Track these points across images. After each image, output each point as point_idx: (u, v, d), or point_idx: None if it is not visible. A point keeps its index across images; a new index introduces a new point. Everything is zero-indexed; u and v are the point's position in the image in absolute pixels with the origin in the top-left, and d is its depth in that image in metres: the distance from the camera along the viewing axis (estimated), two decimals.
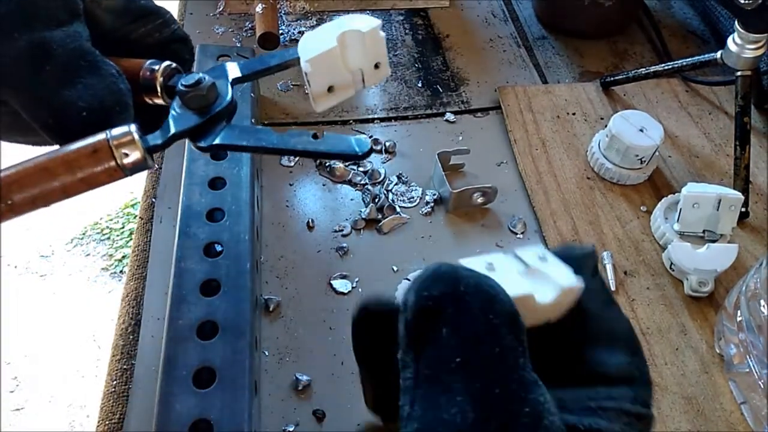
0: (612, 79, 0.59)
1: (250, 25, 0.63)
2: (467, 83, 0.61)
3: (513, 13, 0.69)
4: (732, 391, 0.41)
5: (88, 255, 1.53)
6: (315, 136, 0.27)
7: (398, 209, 0.50)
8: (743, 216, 0.50)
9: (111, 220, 1.60)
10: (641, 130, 0.51)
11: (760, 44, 0.49)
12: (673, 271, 0.47)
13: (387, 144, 0.54)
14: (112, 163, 0.25)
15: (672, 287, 0.46)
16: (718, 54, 0.52)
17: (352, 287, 0.45)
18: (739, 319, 0.40)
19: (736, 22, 0.49)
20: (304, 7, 0.66)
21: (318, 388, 0.40)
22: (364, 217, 0.49)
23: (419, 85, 0.61)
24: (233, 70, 0.30)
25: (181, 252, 0.39)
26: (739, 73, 0.51)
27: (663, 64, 0.57)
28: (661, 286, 0.46)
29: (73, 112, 0.26)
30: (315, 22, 0.65)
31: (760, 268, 0.40)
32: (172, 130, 0.27)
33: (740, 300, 0.40)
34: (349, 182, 0.52)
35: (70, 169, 0.24)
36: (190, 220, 0.41)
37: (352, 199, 0.51)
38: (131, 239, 0.49)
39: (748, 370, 0.39)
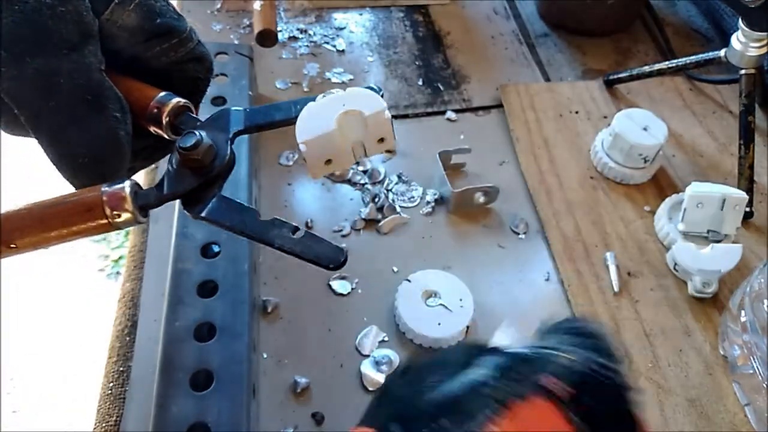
0: (615, 77, 0.59)
1: (248, 22, 0.63)
2: (468, 81, 0.61)
3: (515, 10, 0.69)
4: (736, 393, 0.41)
5: (84, 256, 1.53)
6: (294, 231, 0.26)
7: (398, 209, 0.50)
8: (747, 216, 0.49)
9: None
10: (645, 129, 0.50)
11: (765, 42, 0.49)
12: (677, 271, 0.46)
13: None
14: (104, 221, 0.26)
15: (676, 288, 0.46)
16: (722, 52, 0.52)
17: (352, 288, 0.45)
18: (743, 320, 0.40)
19: (740, 20, 0.49)
20: (302, 4, 0.66)
21: (317, 391, 0.40)
22: (363, 217, 0.49)
23: (420, 83, 0.60)
24: (237, 120, 0.29)
25: (178, 253, 0.39)
26: (743, 72, 0.50)
27: (667, 62, 0.56)
28: (664, 287, 0.46)
29: (69, 156, 0.26)
30: (314, 19, 0.64)
31: (764, 269, 0.40)
32: (165, 191, 0.27)
33: (744, 301, 0.40)
34: (349, 182, 0.51)
35: (65, 224, 0.26)
36: (187, 220, 0.40)
37: (351, 199, 0.50)
38: (127, 240, 0.48)
39: (752, 371, 0.39)
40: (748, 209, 0.49)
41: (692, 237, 0.47)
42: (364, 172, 0.52)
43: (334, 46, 0.62)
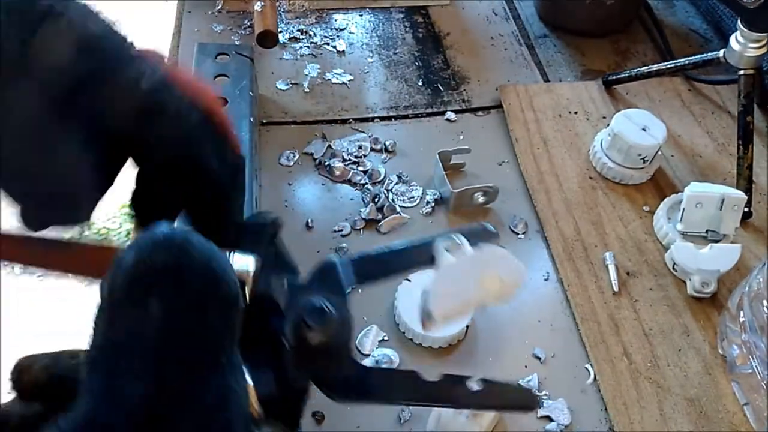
0: (614, 77, 0.59)
1: (248, 23, 0.63)
2: (468, 82, 0.61)
3: (514, 11, 0.69)
4: (735, 392, 0.41)
5: None
6: (480, 382, 0.23)
7: (398, 209, 0.50)
8: (746, 216, 0.49)
9: (108, 220, 1.60)
10: (644, 129, 0.50)
11: (763, 43, 0.49)
12: (676, 271, 0.46)
13: (387, 143, 0.54)
14: None
15: (675, 288, 0.46)
16: (721, 53, 0.52)
17: (352, 288, 0.45)
18: (742, 320, 0.40)
19: (738, 21, 0.49)
20: (303, 5, 0.66)
21: (317, 390, 0.40)
22: (363, 217, 0.49)
23: (420, 83, 0.60)
24: (347, 273, 0.24)
25: None
26: (741, 72, 0.50)
27: (665, 63, 0.57)
28: (663, 287, 0.46)
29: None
30: (314, 20, 0.65)
31: (763, 269, 0.40)
32: (292, 377, 0.22)
33: (743, 301, 0.40)
34: (349, 182, 0.51)
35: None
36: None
37: (351, 199, 0.50)
38: (128, 240, 0.48)
39: (751, 371, 0.39)
40: (746, 209, 0.49)
41: (691, 237, 0.47)
42: (365, 172, 0.52)
43: (335, 47, 0.62)
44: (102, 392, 0.17)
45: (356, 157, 0.53)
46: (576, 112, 0.58)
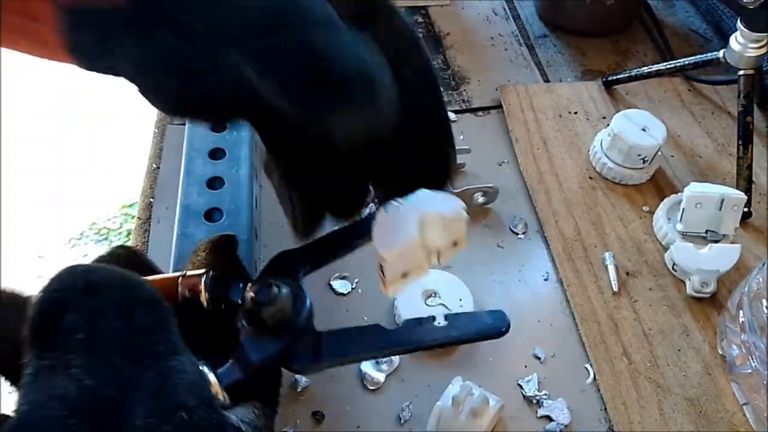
0: (614, 77, 0.59)
1: None
2: (468, 82, 0.61)
3: (514, 11, 0.69)
4: (734, 393, 0.41)
5: (85, 255, 1.53)
6: (433, 320, 0.23)
7: None
8: (746, 216, 0.49)
9: (109, 220, 1.60)
10: (644, 130, 0.50)
11: (763, 43, 0.49)
12: (676, 271, 0.47)
13: None
14: None
15: (674, 288, 0.46)
16: (721, 53, 0.52)
17: (352, 288, 0.45)
18: (741, 320, 0.40)
19: (738, 21, 0.49)
20: None
21: (317, 390, 0.40)
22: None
23: None
24: (301, 260, 0.25)
25: (179, 253, 0.39)
26: (741, 72, 0.51)
27: (665, 63, 0.57)
28: (663, 287, 0.46)
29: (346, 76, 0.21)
30: None
31: (763, 269, 0.40)
32: (252, 358, 0.23)
33: (743, 301, 0.40)
34: None
35: None
36: (188, 220, 0.40)
37: None
38: (129, 240, 0.48)
39: (750, 371, 0.39)
40: (746, 209, 0.49)
41: (691, 237, 0.47)
42: None
43: None
44: (41, 390, 0.18)
45: None
46: (576, 112, 0.58)
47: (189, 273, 0.25)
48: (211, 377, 0.21)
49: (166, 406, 0.18)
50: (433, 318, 0.24)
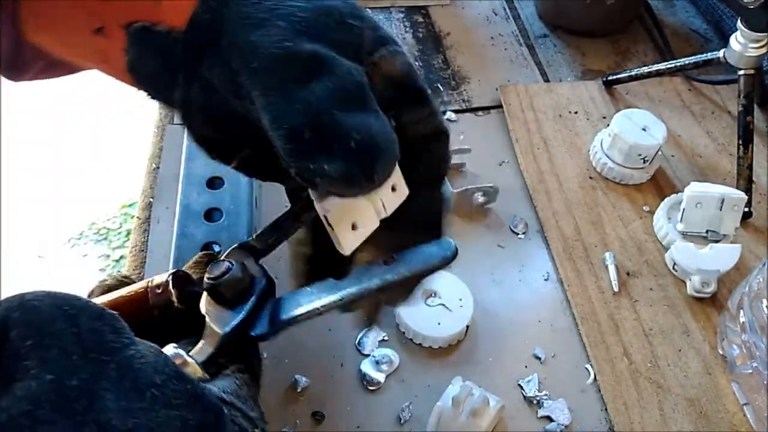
0: (614, 77, 0.59)
1: None
2: (468, 82, 0.61)
3: (514, 11, 0.69)
4: (735, 393, 0.41)
5: (85, 255, 1.52)
6: (387, 262, 0.24)
7: None
8: (746, 216, 0.49)
9: (108, 220, 1.60)
10: (644, 129, 0.50)
11: (763, 43, 0.49)
12: (676, 271, 0.46)
13: None
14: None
15: (675, 288, 0.46)
16: (721, 53, 0.52)
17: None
18: (741, 320, 0.40)
19: (738, 21, 0.49)
20: None
21: (317, 390, 0.40)
22: None
23: None
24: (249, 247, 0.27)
25: (179, 252, 0.39)
26: (741, 72, 0.50)
27: (665, 63, 0.57)
28: (663, 287, 0.46)
29: (346, 138, 0.23)
30: None
31: (763, 269, 0.40)
32: (218, 332, 0.24)
33: (743, 301, 0.40)
34: None
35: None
36: (187, 220, 0.40)
37: None
38: (129, 239, 0.48)
39: (751, 371, 0.39)
40: (746, 209, 0.49)
41: (691, 237, 0.47)
42: None
43: None
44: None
45: None
46: (576, 112, 0.58)
47: (155, 279, 0.27)
48: (187, 357, 0.23)
49: (135, 386, 0.19)
50: (384, 262, 0.25)
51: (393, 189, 0.26)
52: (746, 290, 0.40)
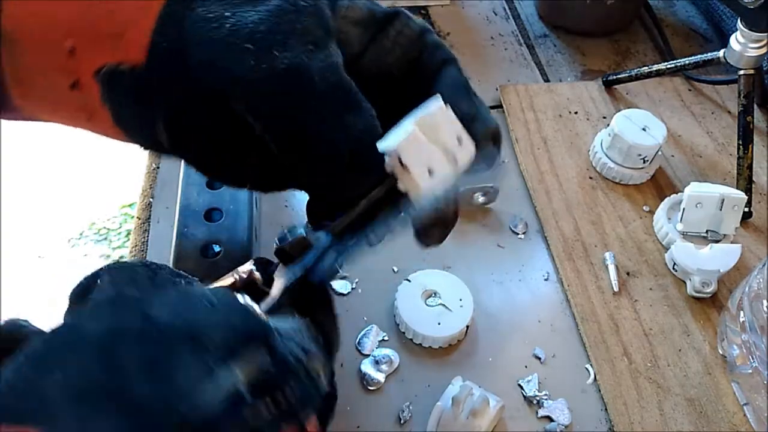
0: (614, 77, 0.59)
1: None
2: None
3: (514, 11, 0.69)
4: (735, 393, 0.41)
5: (85, 255, 1.53)
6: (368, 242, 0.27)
7: None
8: (746, 216, 0.49)
9: (108, 220, 1.60)
10: (644, 129, 0.50)
11: (763, 43, 0.49)
12: (676, 271, 0.46)
13: None
14: None
15: (675, 288, 0.46)
16: (721, 53, 0.52)
17: (352, 288, 0.45)
18: (742, 320, 0.40)
19: (738, 21, 0.49)
20: None
21: None
22: None
23: None
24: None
25: (179, 253, 0.39)
26: (741, 72, 0.50)
27: (665, 63, 0.57)
28: (663, 287, 0.46)
29: (327, 157, 0.24)
30: None
31: (763, 269, 0.40)
32: (284, 282, 0.27)
33: (743, 301, 0.40)
34: None
35: None
36: (187, 220, 0.40)
37: None
38: (129, 239, 0.48)
39: (751, 371, 0.39)
40: (746, 209, 0.49)
41: (691, 237, 0.47)
42: None
43: None
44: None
45: None
46: (576, 112, 0.58)
47: (239, 269, 0.28)
48: (250, 301, 0.23)
49: (187, 296, 0.21)
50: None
51: (459, 142, 0.27)
52: (746, 290, 0.40)
